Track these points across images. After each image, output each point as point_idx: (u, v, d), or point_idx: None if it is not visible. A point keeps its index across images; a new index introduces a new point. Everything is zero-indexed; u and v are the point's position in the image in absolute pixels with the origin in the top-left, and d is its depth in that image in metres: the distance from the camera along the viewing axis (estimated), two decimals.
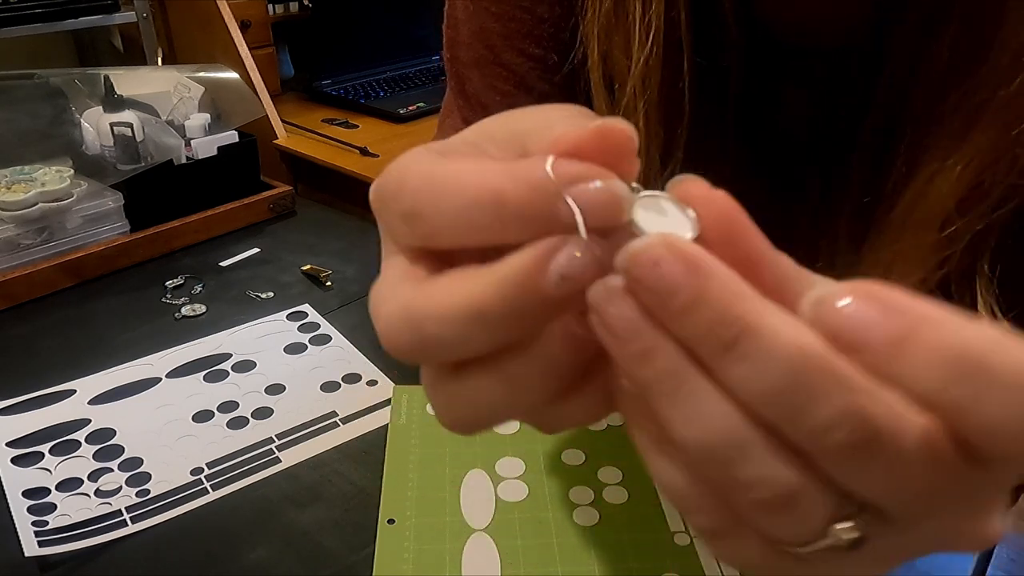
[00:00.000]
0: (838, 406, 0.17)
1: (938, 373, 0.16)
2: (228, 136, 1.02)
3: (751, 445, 0.18)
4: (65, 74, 1.02)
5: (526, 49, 0.46)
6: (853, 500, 0.19)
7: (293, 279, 0.89)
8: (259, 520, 0.56)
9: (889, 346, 0.17)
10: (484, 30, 0.48)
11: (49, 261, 0.86)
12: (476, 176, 0.19)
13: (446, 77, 0.53)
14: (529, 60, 0.47)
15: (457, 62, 0.50)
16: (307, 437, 0.64)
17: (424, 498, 0.55)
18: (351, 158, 1.42)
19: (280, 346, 0.76)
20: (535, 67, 0.47)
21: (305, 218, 1.06)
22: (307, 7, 1.68)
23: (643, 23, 0.38)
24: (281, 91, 1.70)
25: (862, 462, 0.17)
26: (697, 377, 0.18)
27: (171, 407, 0.68)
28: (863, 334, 0.17)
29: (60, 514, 0.56)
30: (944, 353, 0.16)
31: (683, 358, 0.18)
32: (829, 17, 0.42)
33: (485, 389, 0.20)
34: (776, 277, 0.19)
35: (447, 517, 0.54)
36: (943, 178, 0.35)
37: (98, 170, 0.94)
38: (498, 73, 0.48)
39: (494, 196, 0.18)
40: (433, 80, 1.82)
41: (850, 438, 0.17)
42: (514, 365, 0.20)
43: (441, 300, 0.19)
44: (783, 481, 0.18)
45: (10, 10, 1.30)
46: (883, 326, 0.17)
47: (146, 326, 0.80)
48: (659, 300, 0.18)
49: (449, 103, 0.54)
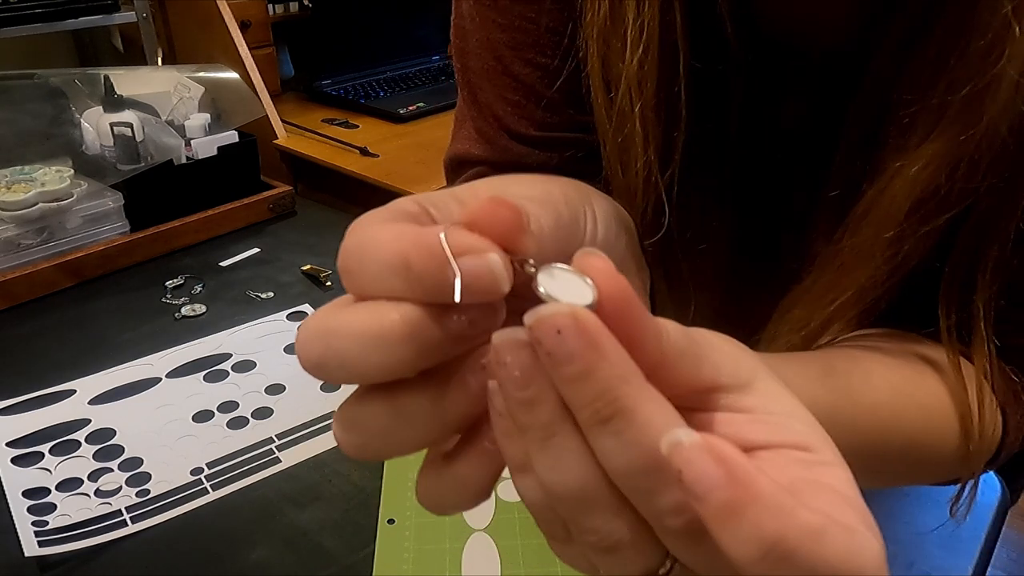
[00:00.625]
0: (680, 499, 0.20)
1: (752, 550, 0.19)
2: (228, 136, 1.02)
3: (597, 501, 0.21)
4: (65, 74, 1.02)
5: (533, 59, 0.47)
6: (671, 557, 0.22)
7: (293, 279, 0.89)
8: (259, 520, 0.56)
9: (719, 509, 0.19)
10: (492, 41, 0.48)
11: (49, 261, 0.86)
12: (392, 241, 0.21)
13: (456, 83, 0.53)
14: (537, 70, 0.47)
15: (468, 71, 0.51)
16: (307, 437, 0.64)
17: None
18: (351, 158, 1.42)
19: (280, 346, 0.76)
20: (543, 76, 0.47)
21: (305, 218, 1.06)
22: (307, 7, 1.68)
23: (637, 26, 0.38)
24: (281, 91, 1.70)
25: (689, 544, 0.21)
26: (568, 434, 0.21)
27: (171, 407, 0.68)
28: (702, 490, 0.19)
29: (60, 514, 0.56)
30: (763, 536, 0.18)
31: (560, 414, 0.21)
32: (822, 19, 0.42)
33: (377, 416, 0.23)
34: (659, 353, 0.21)
35: (447, 517, 0.54)
36: (901, 179, 0.36)
37: (98, 170, 0.94)
38: (507, 84, 0.49)
39: (401, 260, 0.20)
40: (433, 80, 1.82)
41: (685, 527, 0.20)
42: (406, 396, 0.22)
43: (350, 319, 0.21)
44: (616, 535, 0.22)
45: (10, 10, 1.30)
46: (721, 491, 0.18)
47: (146, 326, 0.80)
48: (553, 363, 0.20)
49: (462, 112, 0.54)
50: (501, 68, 0.48)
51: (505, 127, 0.49)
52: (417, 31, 1.88)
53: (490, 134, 0.50)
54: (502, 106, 0.49)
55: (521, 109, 0.49)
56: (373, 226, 0.22)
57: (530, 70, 0.47)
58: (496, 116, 0.49)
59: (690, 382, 0.23)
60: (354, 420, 0.23)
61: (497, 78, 0.49)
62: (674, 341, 0.22)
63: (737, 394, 0.23)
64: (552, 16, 0.45)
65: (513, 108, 0.49)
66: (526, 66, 0.47)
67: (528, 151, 0.50)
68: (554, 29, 0.45)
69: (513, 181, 0.27)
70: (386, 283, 0.21)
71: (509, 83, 0.48)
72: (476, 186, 0.26)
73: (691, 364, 0.22)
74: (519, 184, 0.27)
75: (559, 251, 0.25)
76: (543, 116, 0.48)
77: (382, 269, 0.21)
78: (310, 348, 0.21)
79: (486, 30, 0.48)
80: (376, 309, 0.21)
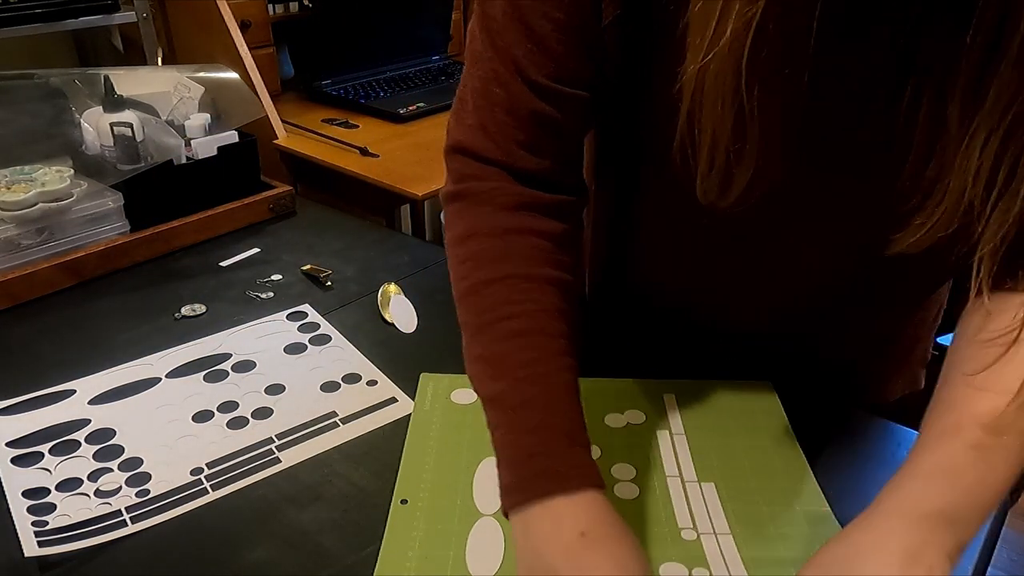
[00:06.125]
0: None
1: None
2: (228, 136, 1.02)
3: None
4: (65, 74, 1.02)
5: (549, 13, 0.51)
6: None
7: (293, 279, 0.89)
8: (259, 520, 0.56)
9: None
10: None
11: (49, 261, 0.86)
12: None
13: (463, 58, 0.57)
14: (550, 23, 0.52)
15: (488, 18, 0.55)
16: (307, 437, 0.64)
17: (439, 481, 0.57)
18: (351, 158, 1.42)
19: (280, 346, 0.76)
20: (555, 30, 0.52)
21: (305, 218, 1.06)
22: (307, 7, 1.68)
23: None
24: (281, 91, 1.69)
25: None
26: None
27: (171, 407, 0.68)
28: None
29: (60, 514, 0.56)
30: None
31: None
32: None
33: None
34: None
35: (458, 500, 0.56)
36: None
37: (98, 170, 0.94)
38: (523, 31, 0.53)
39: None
40: (433, 80, 1.82)
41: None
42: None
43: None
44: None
45: (10, 10, 1.30)
46: None
47: (146, 326, 0.80)
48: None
49: (464, 92, 0.58)
50: (519, 16, 0.52)
51: (521, 70, 0.53)
52: (417, 31, 1.88)
53: (505, 77, 0.54)
54: (519, 51, 0.53)
55: (535, 57, 0.53)
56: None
57: (544, 22, 0.51)
58: (514, 59, 0.53)
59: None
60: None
61: (514, 24, 0.53)
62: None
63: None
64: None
65: (526, 55, 0.53)
66: (542, 18, 0.51)
67: (533, 106, 0.54)
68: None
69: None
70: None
71: (524, 31, 0.52)
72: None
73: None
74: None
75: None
76: (554, 68, 0.53)
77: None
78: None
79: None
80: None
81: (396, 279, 0.87)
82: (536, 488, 0.45)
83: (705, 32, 0.44)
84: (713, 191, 0.50)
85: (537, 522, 0.45)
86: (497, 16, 0.53)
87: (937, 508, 0.43)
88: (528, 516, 0.45)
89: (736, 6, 0.42)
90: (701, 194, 0.51)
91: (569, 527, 0.44)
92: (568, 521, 0.44)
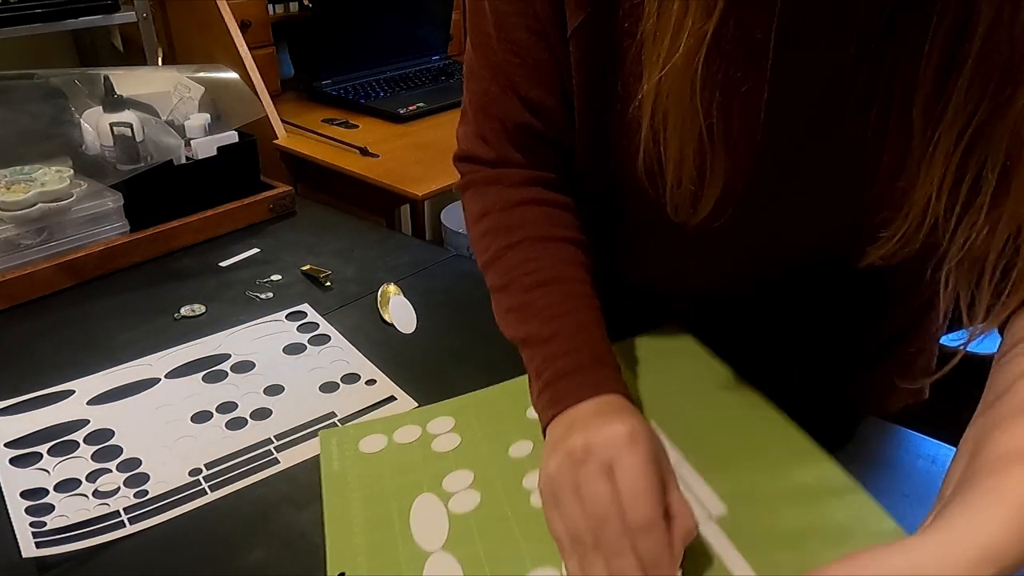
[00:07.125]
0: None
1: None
2: (228, 136, 1.02)
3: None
4: (65, 74, 1.02)
5: (532, 26, 0.53)
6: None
7: (293, 279, 0.89)
8: (257, 521, 0.56)
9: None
10: (496, 9, 0.55)
11: (48, 261, 0.86)
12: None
13: (460, 77, 0.59)
14: (533, 36, 0.54)
15: (480, 34, 0.57)
16: (306, 438, 0.64)
17: (373, 540, 0.52)
18: (351, 158, 1.42)
19: (279, 346, 0.76)
20: (539, 41, 0.54)
21: (305, 218, 1.06)
22: (307, 7, 1.68)
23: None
24: (281, 91, 1.69)
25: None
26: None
27: (170, 408, 0.67)
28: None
29: (58, 515, 0.56)
30: None
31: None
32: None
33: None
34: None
35: (399, 548, 0.51)
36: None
37: (98, 170, 0.94)
38: (511, 49, 0.55)
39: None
40: (433, 80, 1.82)
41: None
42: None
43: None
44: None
45: (10, 10, 1.30)
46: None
47: (145, 326, 0.80)
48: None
49: (465, 105, 0.62)
50: (504, 32, 0.54)
51: (513, 86, 0.56)
52: (417, 31, 1.88)
53: (496, 92, 0.57)
54: (510, 67, 0.55)
55: (524, 71, 0.55)
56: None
57: (526, 35, 0.53)
58: (506, 75, 0.56)
59: None
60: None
61: (501, 43, 0.55)
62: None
63: None
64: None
65: (515, 70, 0.55)
66: (524, 31, 0.53)
67: (525, 119, 0.57)
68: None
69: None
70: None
71: (511, 48, 0.55)
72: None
73: None
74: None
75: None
76: (543, 79, 0.55)
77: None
78: None
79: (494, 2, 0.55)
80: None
81: (396, 279, 0.87)
82: (569, 399, 0.50)
83: (659, 48, 0.44)
84: (684, 207, 0.50)
85: (567, 419, 0.49)
86: (486, 31, 0.56)
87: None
88: (559, 421, 0.50)
89: (689, 22, 0.42)
90: (671, 210, 0.51)
91: (593, 410, 0.49)
92: (594, 407, 0.49)
